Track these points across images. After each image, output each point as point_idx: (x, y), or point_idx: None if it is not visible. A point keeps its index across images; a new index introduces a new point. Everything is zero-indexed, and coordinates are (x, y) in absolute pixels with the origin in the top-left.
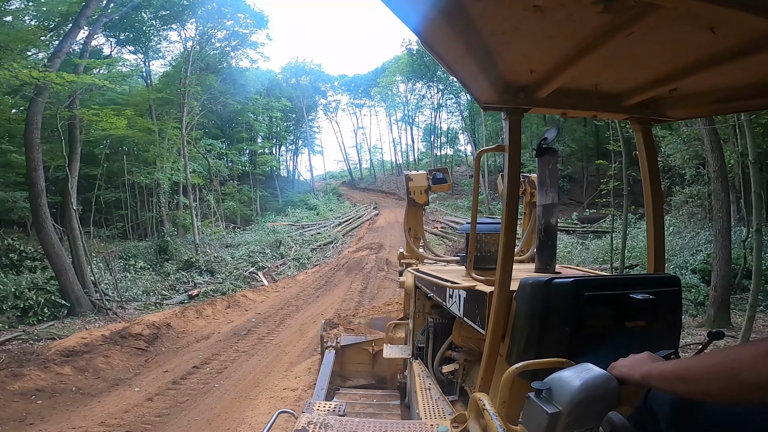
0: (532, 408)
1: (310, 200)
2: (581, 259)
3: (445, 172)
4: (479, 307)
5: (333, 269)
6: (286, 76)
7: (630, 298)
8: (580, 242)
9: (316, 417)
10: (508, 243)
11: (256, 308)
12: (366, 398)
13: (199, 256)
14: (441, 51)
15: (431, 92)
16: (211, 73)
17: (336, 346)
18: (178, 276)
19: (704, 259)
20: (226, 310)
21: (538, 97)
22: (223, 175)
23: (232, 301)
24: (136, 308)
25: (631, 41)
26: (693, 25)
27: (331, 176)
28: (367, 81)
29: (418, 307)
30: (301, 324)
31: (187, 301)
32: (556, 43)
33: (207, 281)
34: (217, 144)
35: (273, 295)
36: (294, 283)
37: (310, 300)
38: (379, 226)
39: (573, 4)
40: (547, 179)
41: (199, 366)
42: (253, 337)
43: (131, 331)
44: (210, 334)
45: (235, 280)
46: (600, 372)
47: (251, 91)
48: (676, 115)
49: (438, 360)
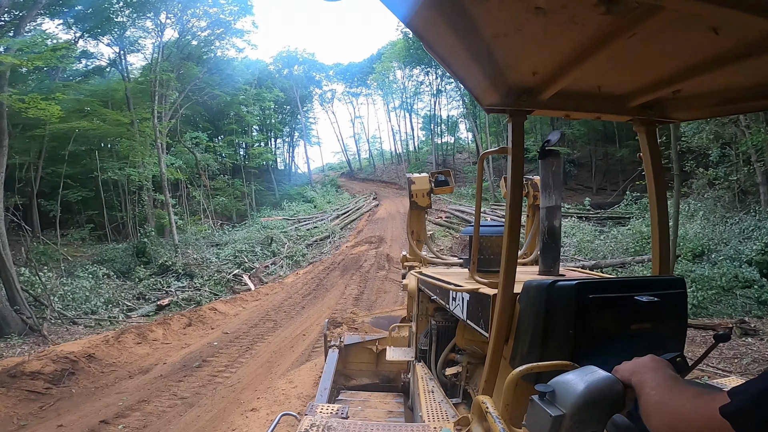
0: (536, 411)
1: (307, 193)
2: (608, 251)
3: (447, 174)
4: (482, 309)
5: (327, 269)
6: (278, 67)
7: (635, 301)
8: (598, 230)
9: (318, 419)
10: (511, 245)
11: (225, 325)
12: (369, 400)
13: (177, 259)
14: (444, 54)
15: (429, 78)
16: (194, 63)
17: (339, 345)
18: (151, 282)
19: (763, 249)
20: (185, 329)
21: (541, 99)
22: (213, 170)
23: (195, 316)
24: (86, 326)
25: (634, 43)
26: (696, 26)
27: (330, 168)
28: (362, 69)
29: (422, 309)
30: (273, 351)
31: (153, 313)
32: (559, 45)
33: (184, 287)
34: (203, 136)
35: (252, 305)
36: (280, 287)
37: (294, 312)
38: (379, 218)
39: (575, 6)
40: (550, 181)
41: (109, 421)
42: (204, 373)
43: (25, 369)
44: (151, 367)
45: (216, 284)
46: (604, 375)
47: (240, 81)
48: (679, 116)
49: (441, 363)
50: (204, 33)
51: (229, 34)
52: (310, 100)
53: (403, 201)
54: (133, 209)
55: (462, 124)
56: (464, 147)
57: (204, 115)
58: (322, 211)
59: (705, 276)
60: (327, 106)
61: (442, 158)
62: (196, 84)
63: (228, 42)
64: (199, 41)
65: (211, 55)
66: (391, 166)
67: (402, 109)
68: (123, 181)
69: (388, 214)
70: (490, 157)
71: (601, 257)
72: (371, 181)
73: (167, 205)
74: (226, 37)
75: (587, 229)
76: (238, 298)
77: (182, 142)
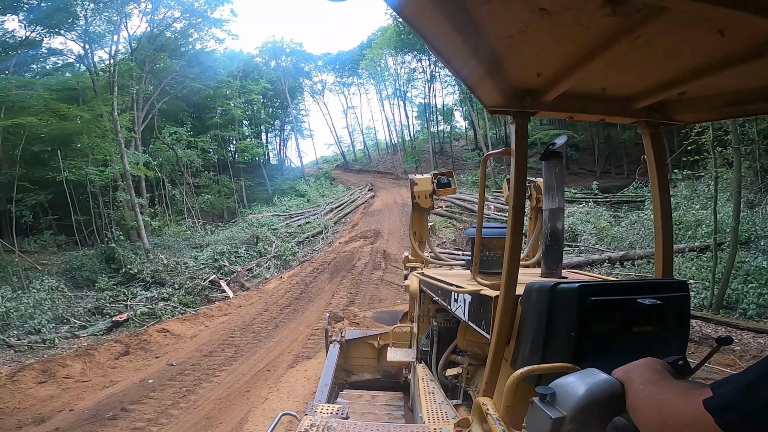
0: (536, 412)
1: (299, 187)
2: (636, 239)
3: (450, 176)
4: (484, 311)
5: (315, 270)
6: (265, 59)
7: (637, 304)
8: (613, 215)
9: (318, 419)
10: (514, 247)
11: (174, 352)
12: (370, 401)
13: (146, 265)
14: (448, 55)
15: (422, 64)
16: (167, 55)
17: (341, 340)
18: (113, 293)
19: None
20: (117, 360)
21: (545, 101)
22: (197, 166)
23: (136, 342)
24: (18, 350)
25: (639, 44)
26: (702, 27)
27: (324, 161)
28: (352, 57)
29: (423, 310)
30: (220, 398)
31: (103, 332)
32: (563, 47)
33: (153, 297)
34: (183, 131)
35: (217, 322)
36: (258, 296)
37: (264, 333)
38: (375, 210)
39: (580, 8)
40: (553, 183)
41: None
42: (115, 429)
43: None
44: (50, 415)
45: (188, 294)
46: (605, 377)
47: (223, 74)
48: (685, 118)
49: (442, 364)
50: (179, 24)
51: (207, 25)
52: (301, 92)
53: (400, 191)
54: (105, 211)
55: (458, 112)
56: (461, 134)
57: (187, 110)
58: (316, 205)
59: (762, 268)
60: (318, 97)
61: (439, 146)
62: (174, 77)
63: (207, 33)
64: (174, 33)
65: (190, 48)
66: (386, 156)
67: (395, 96)
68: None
69: (385, 205)
70: (489, 143)
71: (627, 247)
72: (367, 172)
73: (134, 206)
74: (205, 27)
75: (605, 216)
76: (201, 313)
77: (161, 138)
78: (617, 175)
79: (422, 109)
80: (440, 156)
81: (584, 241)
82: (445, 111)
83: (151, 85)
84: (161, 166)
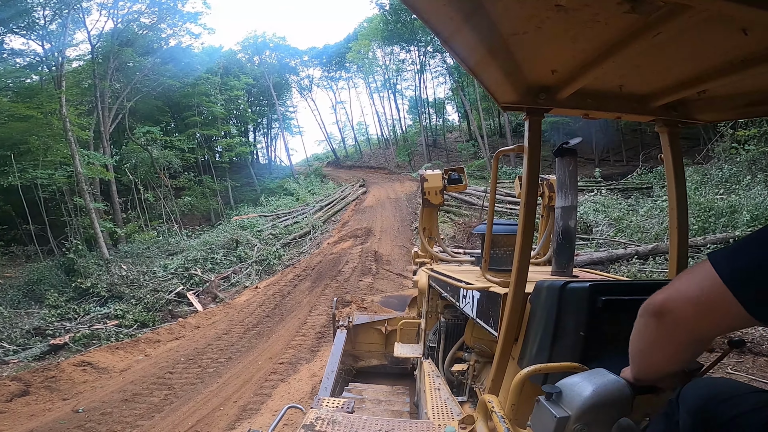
0: (541, 411)
1: (288, 185)
2: (660, 229)
3: (461, 172)
4: (493, 308)
5: (297, 278)
6: (248, 55)
7: None
8: (622, 203)
9: (324, 413)
10: (524, 245)
11: (88, 393)
12: (375, 394)
13: (103, 277)
14: (463, 53)
15: (412, 55)
16: (131, 50)
17: (348, 325)
18: (63, 310)
19: None
20: (9, 403)
21: (560, 98)
22: (175, 167)
23: (40, 379)
24: None
25: (659, 42)
26: (724, 26)
27: (315, 158)
28: (339, 50)
29: (431, 306)
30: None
31: (37, 357)
32: (580, 44)
33: (104, 315)
34: (156, 131)
35: (161, 350)
36: (224, 313)
37: (211, 369)
38: (367, 206)
39: (598, 4)
40: (566, 181)
41: None
42: None
43: None
44: None
45: (147, 310)
46: (613, 378)
47: (200, 70)
48: (705, 117)
49: (449, 360)
50: (147, 19)
51: (180, 19)
52: (288, 88)
53: (393, 186)
54: (67, 218)
55: (449, 105)
56: (454, 127)
57: (165, 109)
58: (305, 203)
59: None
60: (306, 93)
61: (432, 139)
62: (147, 75)
63: (181, 28)
64: (142, 27)
65: (163, 44)
66: (378, 150)
67: (385, 89)
68: (41, 185)
69: (377, 201)
70: (485, 133)
71: (653, 238)
72: (359, 168)
73: (89, 211)
74: (179, 22)
75: (622, 204)
76: (144, 338)
77: (133, 138)
78: (616, 162)
79: (413, 103)
80: (434, 148)
81: (599, 234)
82: (436, 104)
83: (119, 83)
84: (135, 168)
